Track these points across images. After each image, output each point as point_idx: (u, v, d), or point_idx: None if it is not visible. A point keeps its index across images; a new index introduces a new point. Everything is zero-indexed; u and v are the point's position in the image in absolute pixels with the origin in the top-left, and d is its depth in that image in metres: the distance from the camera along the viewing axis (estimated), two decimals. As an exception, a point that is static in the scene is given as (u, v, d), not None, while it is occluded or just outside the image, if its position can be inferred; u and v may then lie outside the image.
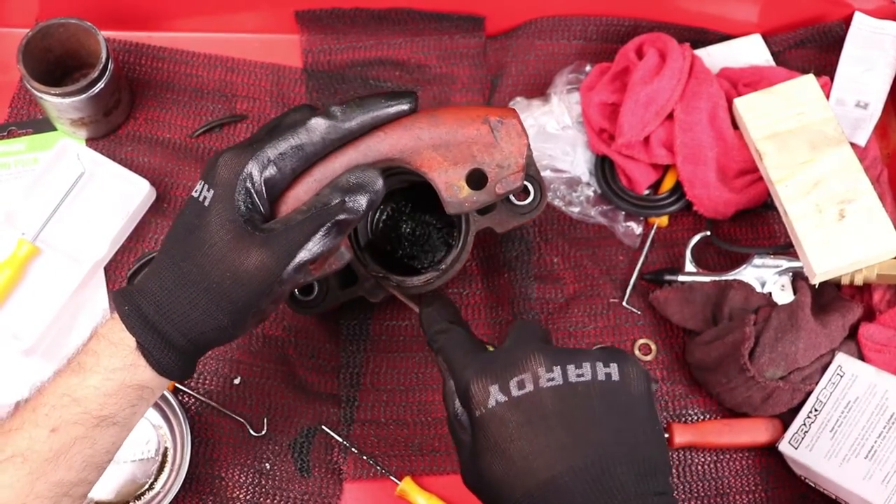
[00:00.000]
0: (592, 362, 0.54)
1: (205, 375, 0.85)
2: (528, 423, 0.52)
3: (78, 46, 0.89)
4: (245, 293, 0.59)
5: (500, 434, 0.53)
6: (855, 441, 0.78)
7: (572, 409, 0.52)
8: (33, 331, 0.84)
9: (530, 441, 0.52)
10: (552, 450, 0.52)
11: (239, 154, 0.60)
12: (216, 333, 0.60)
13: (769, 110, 0.86)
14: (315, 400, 0.85)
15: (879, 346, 0.82)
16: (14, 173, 0.91)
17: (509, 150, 0.66)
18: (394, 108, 0.64)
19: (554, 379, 0.53)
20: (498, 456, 0.53)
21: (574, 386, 0.53)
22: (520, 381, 0.53)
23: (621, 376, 0.54)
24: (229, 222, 0.59)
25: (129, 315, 0.59)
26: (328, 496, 0.82)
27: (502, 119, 0.66)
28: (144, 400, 0.61)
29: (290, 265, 0.59)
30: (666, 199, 0.92)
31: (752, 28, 0.98)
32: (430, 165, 0.66)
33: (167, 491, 0.79)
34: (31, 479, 0.57)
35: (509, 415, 0.53)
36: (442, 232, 0.85)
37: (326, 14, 0.96)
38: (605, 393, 0.53)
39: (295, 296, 0.78)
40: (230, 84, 0.97)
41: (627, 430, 0.53)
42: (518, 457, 0.52)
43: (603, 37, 0.99)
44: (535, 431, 0.52)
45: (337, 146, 0.64)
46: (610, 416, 0.53)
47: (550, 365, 0.54)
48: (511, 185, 0.67)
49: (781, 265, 0.86)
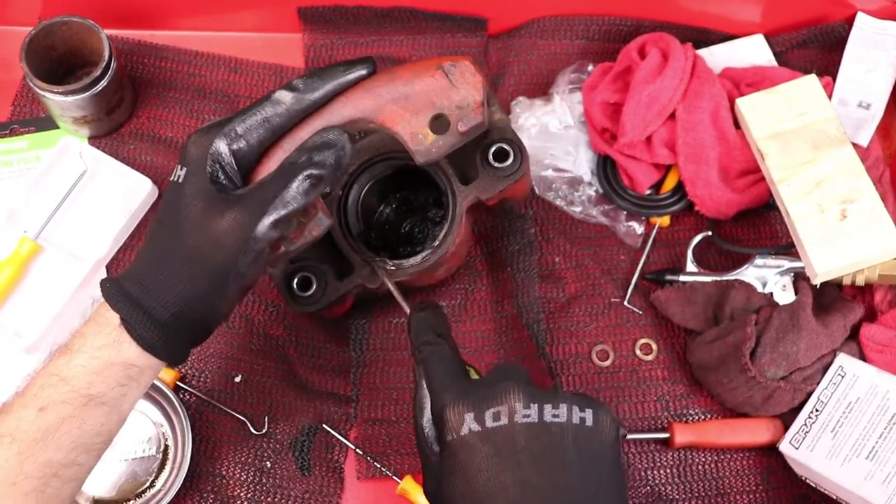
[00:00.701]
0: (569, 405, 0.55)
1: (206, 374, 0.85)
2: (498, 455, 0.53)
3: (81, 45, 0.89)
4: (222, 254, 0.59)
5: (468, 462, 0.54)
6: (856, 441, 0.78)
7: (543, 449, 0.53)
8: (35, 329, 0.84)
9: (496, 474, 0.53)
10: (516, 486, 0.52)
11: (207, 132, 0.63)
12: (199, 303, 0.60)
13: (771, 110, 0.86)
14: (316, 398, 0.85)
15: (881, 347, 0.82)
16: (16, 171, 0.92)
17: (466, 90, 0.68)
18: (353, 74, 0.66)
19: (529, 416, 0.54)
20: (462, 483, 0.54)
21: (548, 426, 0.54)
22: (496, 413, 0.54)
23: (594, 423, 0.55)
24: (201, 192, 0.60)
25: (112, 292, 0.60)
26: (329, 495, 0.82)
27: (455, 63, 0.68)
28: (133, 380, 0.60)
29: (264, 220, 0.59)
30: (668, 199, 0.92)
31: (755, 28, 0.98)
32: (393, 119, 0.67)
33: (168, 489, 0.79)
34: (19, 459, 0.57)
35: (480, 445, 0.54)
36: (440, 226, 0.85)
37: (329, 11, 0.96)
38: (577, 437, 0.54)
39: (294, 293, 0.78)
40: (232, 84, 0.97)
41: (593, 478, 0.54)
42: (482, 487, 0.53)
43: (605, 36, 0.99)
44: (503, 465, 0.53)
45: (302, 116, 0.65)
46: (579, 462, 0.54)
47: (528, 402, 0.54)
48: (472, 122, 0.68)
49: (783, 265, 0.86)
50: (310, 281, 0.78)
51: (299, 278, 0.78)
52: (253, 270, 0.61)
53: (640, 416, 0.85)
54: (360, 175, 0.82)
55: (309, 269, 0.78)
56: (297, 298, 0.78)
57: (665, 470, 0.84)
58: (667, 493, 0.83)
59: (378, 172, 0.82)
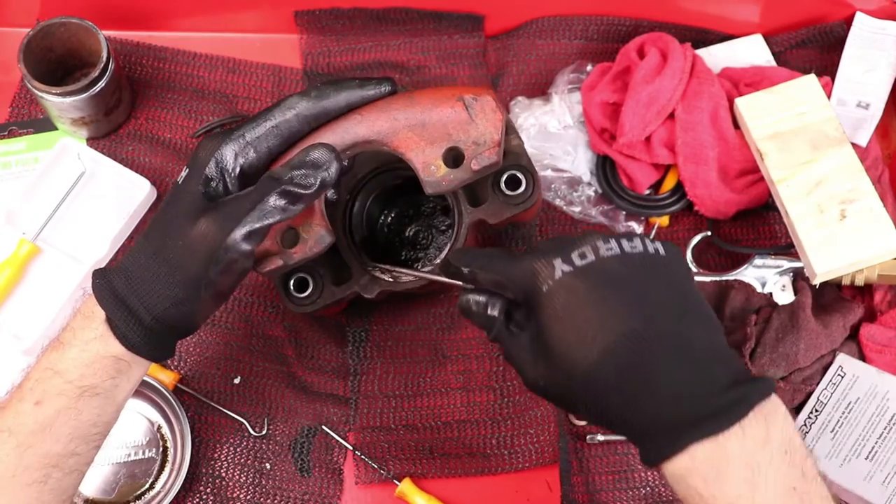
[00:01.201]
0: (641, 238, 0.56)
1: (205, 375, 0.85)
2: (597, 287, 0.53)
3: (79, 46, 0.89)
4: (193, 261, 0.60)
5: (569, 302, 0.54)
6: (856, 442, 0.78)
7: (635, 274, 0.54)
8: (34, 330, 0.84)
9: (602, 304, 0.53)
10: (625, 307, 0.53)
11: (217, 137, 0.63)
12: (175, 309, 0.60)
13: (770, 110, 0.86)
14: (315, 400, 0.85)
15: (880, 347, 0.82)
16: (15, 173, 0.91)
17: (484, 126, 0.67)
18: (369, 91, 0.66)
19: (612, 249, 0.55)
20: (569, 323, 0.53)
21: (631, 255, 0.55)
22: (581, 253, 0.55)
23: (668, 253, 0.56)
24: (189, 194, 0.61)
25: (100, 288, 0.60)
26: (328, 496, 0.82)
27: (476, 97, 0.67)
28: (123, 374, 0.61)
29: (236, 231, 0.59)
30: (667, 199, 0.92)
31: (754, 28, 0.98)
32: (407, 146, 0.66)
33: (167, 490, 0.79)
34: (18, 452, 0.57)
35: (577, 283, 0.54)
36: (445, 234, 0.85)
37: (325, 14, 0.96)
38: (658, 265, 0.55)
39: (291, 293, 0.78)
40: (231, 84, 0.97)
41: (683, 293, 0.55)
42: (593, 317, 0.53)
43: (604, 36, 0.99)
44: (605, 295, 0.53)
45: (313, 125, 0.65)
46: (667, 280, 0.55)
47: (607, 237, 0.56)
48: (487, 161, 0.67)
49: (782, 265, 0.86)
50: (306, 283, 0.78)
51: (296, 279, 0.78)
52: (225, 280, 0.61)
53: (640, 417, 0.85)
54: (367, 184, 0.81)
55: (306, 270, 0.78)
56: (292, 298, 0.78)
57: (665, 470, 0.84)
58: (667, 493, 0.83)
59: (385, 182, 0.82)
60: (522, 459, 0.83)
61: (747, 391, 0.50)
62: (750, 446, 0.49)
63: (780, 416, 0.51)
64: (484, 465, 0.83)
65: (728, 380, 0.51)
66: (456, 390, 0.85)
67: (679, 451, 0.50)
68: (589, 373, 0.52)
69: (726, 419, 0.49)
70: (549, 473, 0.83)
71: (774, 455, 0.50)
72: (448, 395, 0.85)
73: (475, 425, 0.84)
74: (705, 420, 0.49)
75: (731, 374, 0.51)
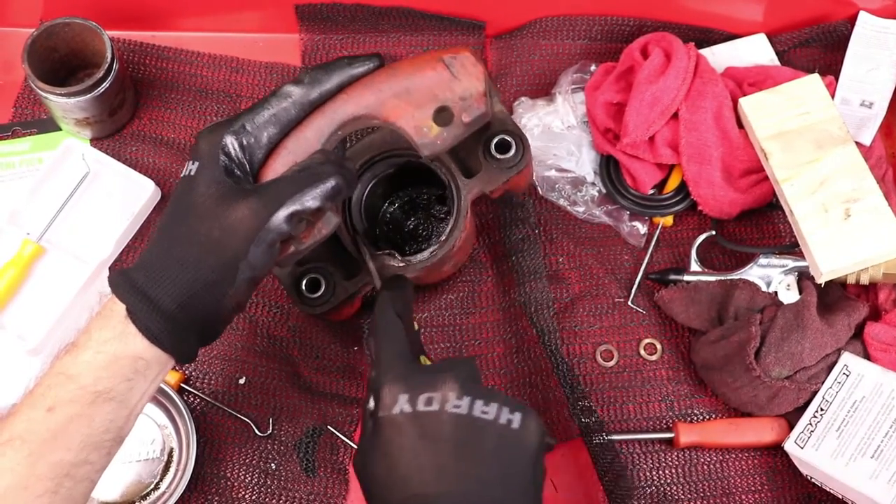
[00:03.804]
0: (500, 405, 0.56)
1: (210, 376, 0.85)
2: (422, 438, 0.55)
3: (83, 46, 0.89)
4: (234, 241, 0.59)
5: (393, 440, 0.55)
6: (861, 440, 0.78)
7: (466, 440, 0.55)
8: (38, 331, 0.84)
9: (417, 455, 0.54)
10: (434, 470, 0.54)
11: (216, 128, 0.64)
12: (206, 293, 0.59)
13: (774, 110, 0.86)
14: (320, 400, 0.85)
15: (885, 346, 0.82)
16: (19, 173, 0.91)
17: (468, 81, 0.68)
18: (359, 68, 0.67)
19: (460, 407, 0.56)
20: (385, 459, 0.55)
21: (475, 420, 0.55)
22: (428, 399, 0.56)
23: (521, 427, 0.56)
24: (216, 183, 0.61)
25: (119, 283, 0.59)
26: (333, 496, 0.82)
27: (455, 55, 0.68)
28: (140, 374, 0.59)
29: (280, 212, 0.60)
30: (671, 199, 0.92)
31: (757, 27, 0.98)
32: (396, 114, 0.67)
33: (172, 491, 0.79)
34: (30, 461, 0.56)
35: (408, 426, 0.55)
36: (444, 222, 0.85)
37: (327, 8, 0.96)
38: (501, 437, 0.55)
39: (304, 295, 0.78)
40: (234, 84, 0.97)
41: (508, 477, 0.55)
42: (402, 466, 0.55)
43: (608, 36, 0.99)
44: (425, 448, 0.55)
45: (309, 110, 0.66)
46: (497, 459, 0.55)
47: (461, 394, 0.56)
48: (476, 112, 0.68)
49: (787, 264, 0.86)
50: (318, 282, 0.78)
51: (308, 280, 0.78)
52: (262, 262, 0.61)
53: (645, 416, 0.85)
54: (363, 174, 0.82)
55: (317, 270, 0.78)
56: (305, 300, 0.78)
57: (669, 470, 0.84)
58: (671, 493, 0.83)
59: (380, 171, 0.82)
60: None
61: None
62: None
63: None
64: None
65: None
66: None
67: None
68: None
69: None
70: (553, 473, 0.83)
71: None
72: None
73: None
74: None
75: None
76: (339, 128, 0.66)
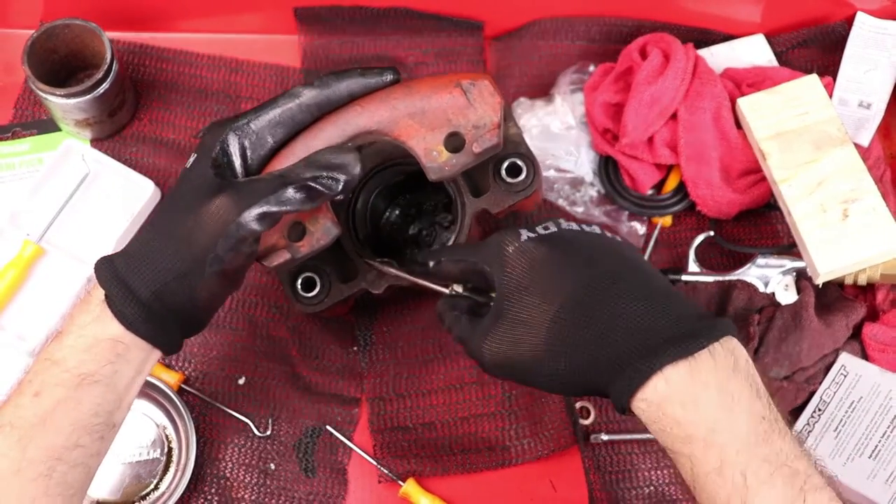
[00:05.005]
0: (601, 229, 0.62)
1: (209, 376, 0.85)
2: (557, 249, 0.59)
3: (82, 47, 0.89)
4: (203, 234, 0.60)
5: (534, 260, 0.59)
6: (859, 441, 0.78)
7: (593, 242, 0.60)
8: (38, 332, 0.84)
9: (563, 259, 0.58)
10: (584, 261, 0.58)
11: (222, 123, 0.64)
12: (177, 283, 0.60)
13: (773, 110, 0.86)
14: (320, 400, 0.85)
15: (883, 346, 0.82)
16: (19, 174, 0.92)
17: (483, 109, 0.67)
18: (372, 80, 0.67)
19: (572, 226, 0.62)
20: (534, 278, 0.58)
21: (589, 233, 0.62)
22: (545, 226, 0.61)
23: (623, 239, 0.63)
24: (200, 176, 0.62)
25: (100, 269, 0.61)
26: (333, 496, 0.82)
27: (474, 81, 0.68)
28: (122, 358, 0.60)
29: (252, 210, 0.60)
30: (669, 199, 0.92)
31: (756, 28, 0.98)
32: (408, 134, 0.67)
33: (172, 491, 0.79)
34: (21, 446, 0.57)
35: (540, 246, 0.60)
36: (448, 230, 0.85)
37: (326, 11, 0.96)
38: (614, 243, 0.61)
39: (298, 293, 0.78)
40: (234, 85, 0.97)
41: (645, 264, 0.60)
42: (555, 271, 0.58)
43: (606, 37, 0.99)
44: (565, 253, 0.59)
45: (316, 115, 0.66)
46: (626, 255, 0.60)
47: (569, 222, 0.62)
48: (487, 143, 0.68)
49: (785, 265, 0.86)
50: (314, 282, 0.78)
51: (304, 278, 0.78)
52: (231, 258, 0.61)
53: (644, 416, 0.85)
54: (370, 180, 0.81)
55: (313, 269, 0.78)
56: (300, 298, 0.78)
57: (669, 470, 0.84)
58: (671, 493, 0.83)
59: (388, 178, 0.82)
60: (540, 447, 0.82)
61: (713, 323, 0.54)
62: (721, 373, 0.52)
63: (742, 352, 0.54)
64: (503, 458, 0.82)
65: (695, 313, 0.55)
66: (470, 385, 0.85)
67: (654, 374, 0.52)
68: (556, 317, 0.56)
69: (697, 342, 0.52)
70: (552, 473, 0.83)
71: (743, 384, 0.52)
72: (462, 390, 0.85)
73: (492, 418, 0.84)
74: (677, 341, 0.52)
75: (696, 310, 0.56)
76: (349, 139, 0.66)
